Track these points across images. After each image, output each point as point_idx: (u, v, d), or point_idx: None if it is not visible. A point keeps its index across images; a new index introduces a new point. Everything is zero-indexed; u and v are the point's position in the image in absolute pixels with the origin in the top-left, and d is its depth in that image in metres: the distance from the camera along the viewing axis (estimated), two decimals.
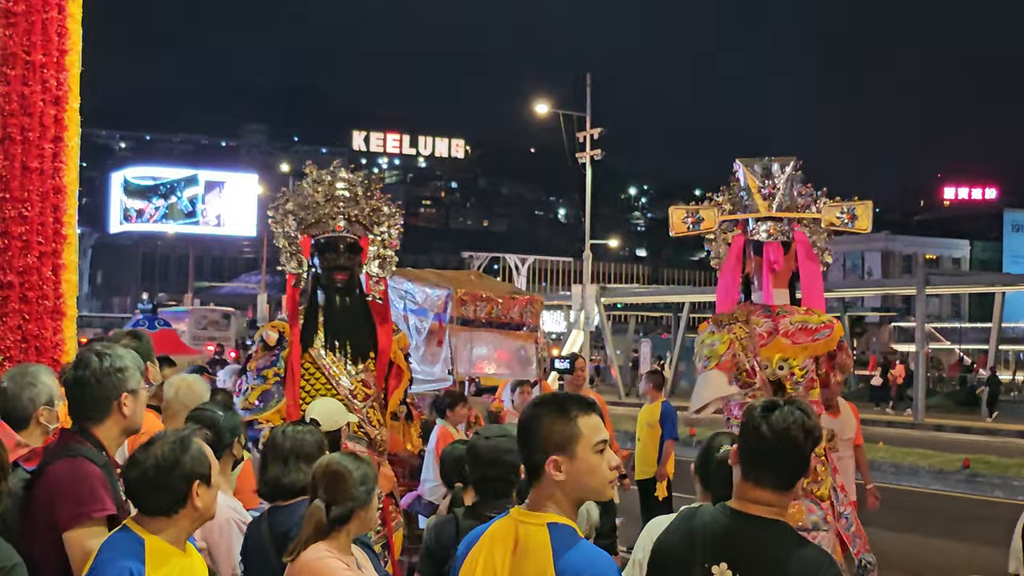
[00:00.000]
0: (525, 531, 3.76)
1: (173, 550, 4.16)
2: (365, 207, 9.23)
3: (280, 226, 9.17)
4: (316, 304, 8.96)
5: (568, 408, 3.83)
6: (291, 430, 5.72)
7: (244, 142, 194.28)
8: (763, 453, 3.99)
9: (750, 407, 4.14)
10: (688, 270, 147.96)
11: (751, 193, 9.41)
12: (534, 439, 3.80)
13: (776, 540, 3.92)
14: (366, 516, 4.87)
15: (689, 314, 54.10)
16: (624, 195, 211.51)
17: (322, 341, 8.79)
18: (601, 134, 45.99)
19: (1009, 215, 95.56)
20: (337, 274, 8.97)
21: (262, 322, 72.91)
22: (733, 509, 4.02)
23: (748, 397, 8.68)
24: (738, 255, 9.16)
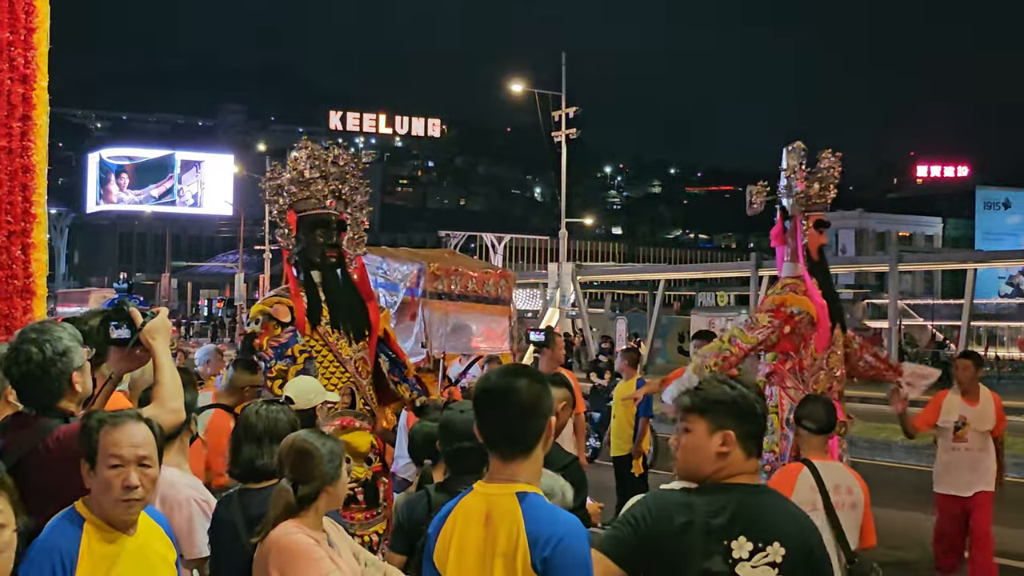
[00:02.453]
0: (496, 503, 3.79)
1: (115, 534, 4.08)
2: (352, 184, 9.17)
3: (273, 202, 9.11)
4: (313, 282, 8.84)
5: (544, 378, 3.97)
6: (265, 410, 5.61)
7: (221, 122, 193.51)
8: (750, 424, 4.10)
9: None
10: (663, 248, 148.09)
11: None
12: (538, 410, 3.86)
13: (776, 505, 4.05)
14: (335, 492, 4.85)
15: (664, 291, 54.15)
16: (600, 174, 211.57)
17: (327, 319, 8.71)
18: (577, 113, 45.98)
19: (981, 193, 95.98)
20: (329, 251, 8.89)
21: (240, 301, 72.35)
22: (729, 483, 4.04)
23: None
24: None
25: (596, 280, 60.93)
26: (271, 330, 8.58)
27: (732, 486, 4.01)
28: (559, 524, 3.75)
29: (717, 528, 3.90)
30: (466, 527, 3.83)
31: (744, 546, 3.87)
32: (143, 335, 4.85)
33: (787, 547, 3.87)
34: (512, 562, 3.71)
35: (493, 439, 3.89)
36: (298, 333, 8.55)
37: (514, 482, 3.82)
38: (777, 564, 3.86)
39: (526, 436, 3.85)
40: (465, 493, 3.93)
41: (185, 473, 5.90)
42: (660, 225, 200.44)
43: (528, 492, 3.81)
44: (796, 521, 3.96)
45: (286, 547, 4.64)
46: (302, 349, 8.54)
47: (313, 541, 4.68)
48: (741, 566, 3.86)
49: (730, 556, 3.87)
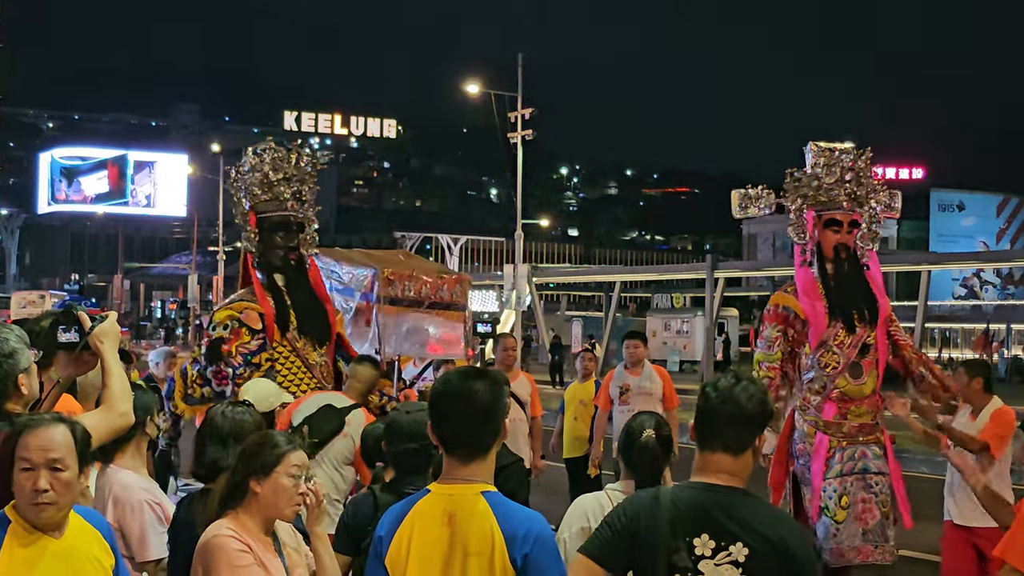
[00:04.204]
0: (459, 503, 3.83)
1: (38, 536, 3.99)
2: (310, 186, 9.12)
3: (238, 204, 9.01)
4: (276, 285, 8.75)
5: (500, 379, 4.03)
6: (231, 411, 5.56)
7: (174, 122, 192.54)
8: (712, 417, 4.10)
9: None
10: (619, 249, 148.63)
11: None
12: (496, 411, 3.91)
13: (749, 505, 4.01)
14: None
15: (620, 293, 54.29)
16: (556, 175, 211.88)
17: (295, 325, 8.62)
18: (532, 114, 45.95)
19: (936, 195, 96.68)
20: (291, 254, 8.83)
21: (193, 302, 71.96)
22: (699, 482, 4.08)
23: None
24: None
25: (552, 282, 61.04)
26: (241, 336, 8.48)
27: (702, 485, 4.05)
28: (532, 521, 3.85)
29: (681, 525, 3.96)
30: (426, 528, 3.84)
31: (707, 544, 3.93)
32: (91, 339, 4.79)
33: (752, 548, 3.90)
34: (488, 560, 3.76)
35: (451, 441, 3.93)
36: (267, 341, 8.46)
37: (474, 482, 3.87)
38: (740, 564, 3.90)
39: (485, 437, 3.91)
40: (421, 495, 3.94)
41: (141, 476, 5.85)
42: (616, 227, 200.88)
43: (491, 490, 3.87)
44: (768, 524, 3.96)
45: (211, 548, 4.59)
46: (268, 357, 8.46)
47: (243, 546, 4.59)
48: (704, 563, 3.93)
49: (693, 552, 3.94)
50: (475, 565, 3.77)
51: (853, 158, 10.04)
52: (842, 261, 9.92)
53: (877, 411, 9.94)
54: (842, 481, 9.63)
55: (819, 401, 9.81)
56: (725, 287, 48.78)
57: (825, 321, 9.77)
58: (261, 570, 4.59)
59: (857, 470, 9.67)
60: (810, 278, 9.95)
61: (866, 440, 9.78)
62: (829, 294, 9.86)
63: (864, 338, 9.83)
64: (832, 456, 9.66)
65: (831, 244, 9.91)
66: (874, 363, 9.94)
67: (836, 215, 9.90)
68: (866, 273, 10.07)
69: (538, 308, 52.06)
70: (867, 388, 9.85)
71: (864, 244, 10.08)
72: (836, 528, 9.56)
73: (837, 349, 9.77)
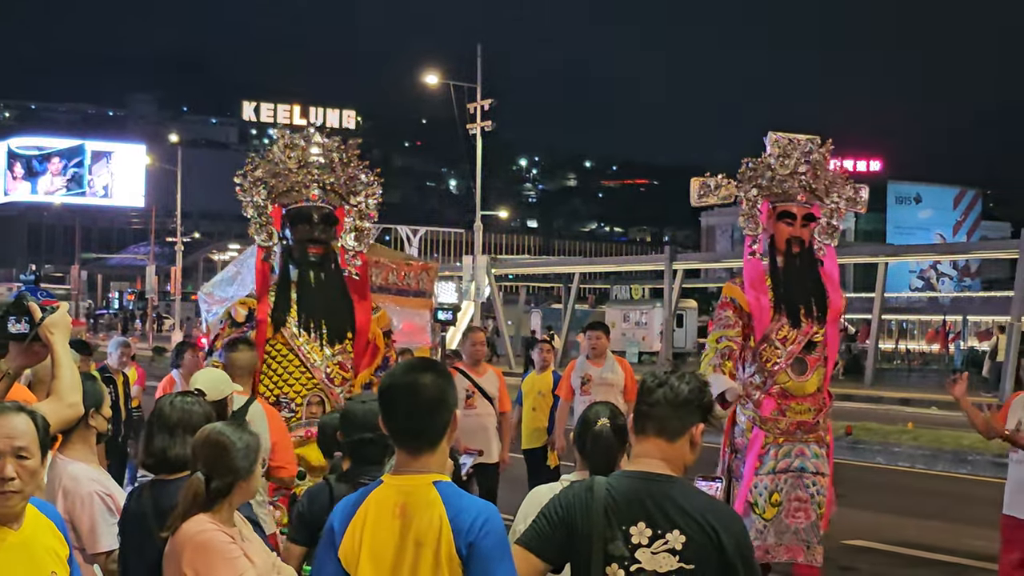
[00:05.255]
0: (411, 494, 3.82)
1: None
2: (341, 175, 8.68)
3: (248, 195, 8.61)
4: (288, 280, 8.44)
5: (447, 371, 4.03)
6: (179, 401, 5.52)
7: (132, 112, 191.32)
8: (647, 400, 4.10)
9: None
10: (578, 241, 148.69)
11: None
12: (444, 404, 3.89)
13: (684, 493, 4.01)
14: (248, 487, 4.79)
15: (579, 284, 54.37)
16: (515, 166, 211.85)
17: (295, 320, 8.28)
18: (492, 105, 45.95)
19: (893, 187, 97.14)
20: (311, 247, 8.45)
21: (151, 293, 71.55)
22: (634, 471, 4.09)
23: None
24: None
25: (511, 273, 60.95)
26: (227, 330, 8.32)
27: (637, 474, 4.06)
28: (480, 510, 3.81)
29: (617, 514, 3.97)
30: (379, 519, 3.83)
31: (643, 532, 3.94)
32: (42, 330, 4.75)
33: (688, 535, 3.90)
34: (435, 550, 3.74)
35: (400, 435, 3.93)
36: (248, 334, 8.15)
37: (426, 472, 3.86)
38: (677, 551, 3.90)
39: (432, 431, 3.89)
40: (374, 486, 3.93)
41: (91, 467, 5.81)
42: (575, 218, 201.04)
43: (443, 480, 3.86)
44: (704, 512, 3.96)
45: (201, 545, 4.56)
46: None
47: (228, 539, 4.61)
48: (641, 551, 3.93)
49: (630, 541, 3.94)
50: (425, 556, 3.76)
51: (810, 150, 9.91)
52: (794, 255, 9.80)
53: (822, 409, 9.85)
54: (774, 478, 9.53)
55: (758, 396, 9.70)
56: (684, 279, 48.94)
57: (769, 315, 9.66)
58: (246, 559, 4.63)
59: (793, 468, 9.57)
60: (759, 270, 9.85)
61: (805, 439, 9.67)
62: (776, 287, 9.75)
63: (811, 334, 9.72)
64: (766, 452, 9.55)
65: (783, 237, 9.81)
66: (821, 360, 9.85)
67: (790, 207, 9.80)
68: (820, 268, 9.93)
69: (497, 299, 52.08)
70: (810, 386, 9.76)
71: (821, 239, 9.97)
72: (763, 525, 9.44)
73: (780, 344, 9.68)
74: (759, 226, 9.89)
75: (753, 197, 9.90)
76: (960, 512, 14.61)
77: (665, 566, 3.90)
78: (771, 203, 9.88)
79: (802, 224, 9.80)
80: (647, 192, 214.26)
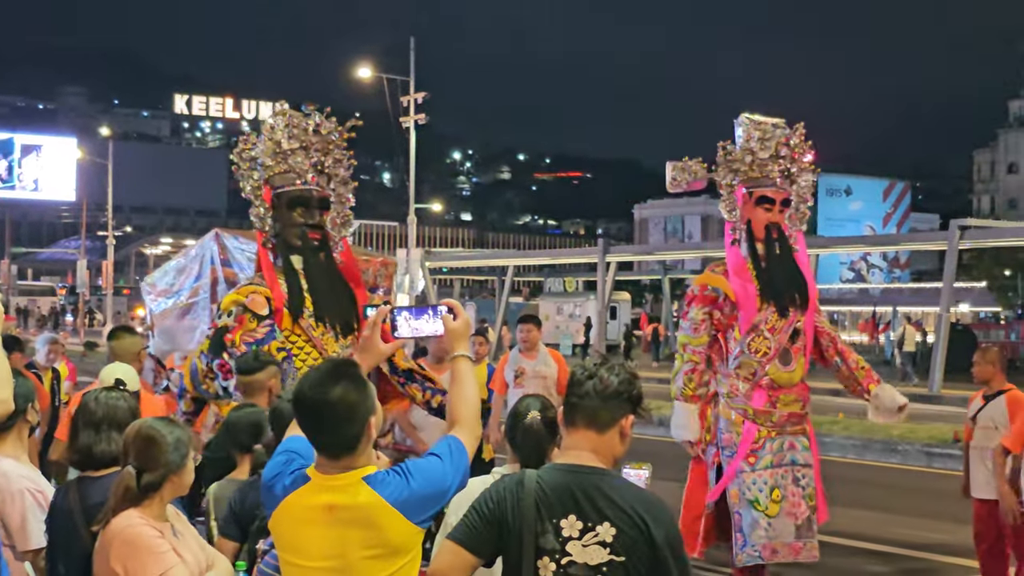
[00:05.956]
0: (342, 491, 3.84)
1: None
2: (335, 157, 8.31)
3: (245, 177, 8.26)
4: (292, 268, 7.97)
5: (361, 381, 3.98)
6: (104, 396, 5.42)
7: (62, 105, 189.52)
8: (577, 391, 4.08)
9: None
10: (512, 234, 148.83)
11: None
12: (354, 418, 3.87)
13: (614, 486, 4.00)
14: (180, 480, 4.75)
15: (513, 277, 54.44)
16: (449, 160, 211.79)
17: (310, 311, 7.84)
18: (425, 99, 45.85)
19: (824, 180, 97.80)
20: (311, 232, 8.03)
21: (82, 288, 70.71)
22: (564, 464, 4.09)
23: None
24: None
25: (445, 266, 60.89)
26: (246, 324, 7.75)
27: (567, 467, 4.05)
28: (410, 483, 3.87)
29: (547, 507, 3.96)
30: (310, 517, 3.87)
31: (574, 525, 3.93)
32: None
33: (618, 528, 3.90)
34: (381, 535, 3.81)
35: (315, 443, 3.95)
36: (276, 329, 7.74)
37: (353, 469, 3.89)
38: (608, 544, 3.89)
39: (344, 443, 3.90)
40: (302, 483, 3.94)
41: (21, 464, 5.76)
42: (509, 211, 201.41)
43: (371, 473, 3.89)
44: (635, 504, 3.95)
45: (129, 540, 4.52)
46: (280, 347, 7.74)
47: (157, 533, 4.57)
48: (572, 544, 3.92)
49: (560, 534, 3.93)
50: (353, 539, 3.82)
51: (788, 134, 9.70)
52: (773, 241, 9.53)
53: (806, 400, 9.64)
54: (773, 473, 9.26)
55: (748, 388, 9.40)
56: (617, 271, 49.06)
57: (756, 304, 9.39)
58: (175, 555, 4.58)
59: (786, 462, 9.34)
60: (740, 258, 9.56)
61: (794, 431, 9.45)
62: (760, 276, 9.46)
63: (795, 323, 9.50)
64: (762, 447, 9.28)
65: (762, 223, 9.53)
66: (802, 349, 9.62)
67: (768, 192, 9.52)
68: (795, 255, 9.69)
69: (431, 293, 52.01)
70: (796, 375, 9.52)
71: (793, 224, 9.76)
72: (768, 522, 9.15)
73: (769, 334, 9.41)
74: (738, 212, 9.65)
75: (731, 182, 9.67)
76: (892, 502, 14.76)
77: (596, 559, 3.89)
78: (747, 188, 9.61)
79: (779, 209, 9.56)
80: (580, 185, 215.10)
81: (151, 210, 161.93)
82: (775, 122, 9.90)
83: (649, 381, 35.55)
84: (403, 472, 3.89)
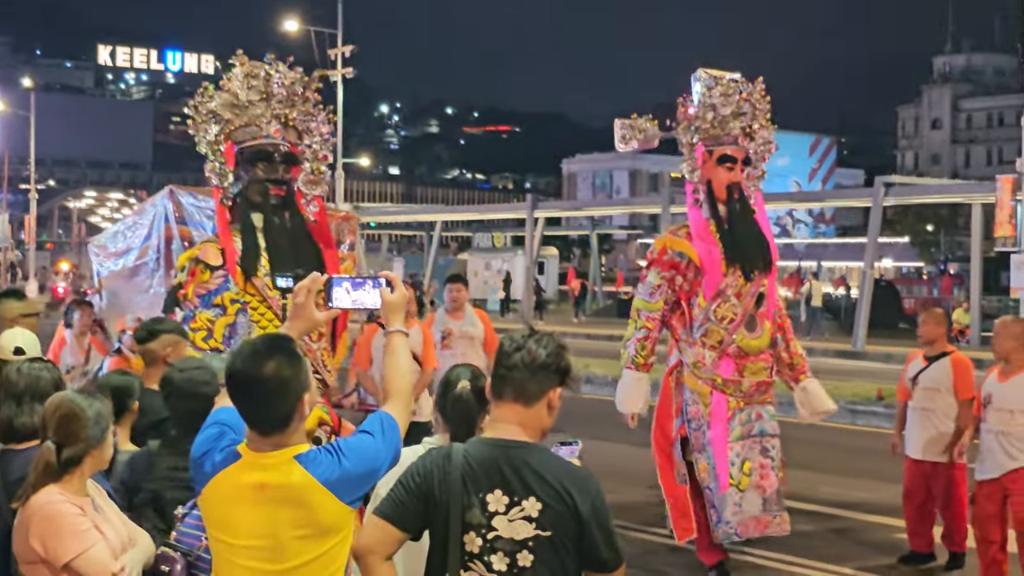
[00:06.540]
0: (274, 469, 3.81)
1: None
2: (302, 110, 7.86)
3: (201, 130, 7.84)
4: (251, 225, 7.59)
5: (295, 356, 3.92)
6: (27, 367, 5.35)
7: None
8: (504, 364, 4.06)
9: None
10: (441, 188, 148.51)
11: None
12: (286, 393, 3.83)
13: (540, 460, 3.99)
14: (101, 455, 4.70)
15: (441, 232, 54.44)
16: (377, 113, 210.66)
17: (266, 270, 7.45)
18: (353, 52, 45.58)
19: None
20: (274, 188, 7.63)
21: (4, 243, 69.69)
22: (491, 438, 4.06)
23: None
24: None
25: (373, 221, 60.61)
26: (198, 275, 7.47)
27: (494, 441, 4.04)
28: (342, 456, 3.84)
29: (474, 481, 3.95)
30: (240, 495, 3.83)
31: (500, 499, 3.92)
32: None
33: (544, 502, 3.89)
34: (312, 514, 3.79)
35: (246, 418, 3.89)
36: (230, 279, 7.42)
37: (285, 447, 3.85)
38: (534, 519, 3.89)
39: (275, 419, 3.85)
40: (233, 460, 3.89)
41: None
42: (437, 165, 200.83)
43: (302, 452, 3.85)
44: (563, 478, 3.95)
45: (48, 516, 4.47)
46: (234, 299, 7.43)
47: (78, 510, 4.52)
48: (498, 519, 3.91)
49: (487, 509, 3.92)
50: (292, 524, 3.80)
51: (749, 89, 9.44)
52: (735, 202, 9.26)
53: (772, 367, 9.42)
54: (743, 445, 9.04)
55: (715, 357, 9.13)
56: (545, 226, 49.11)
57: (722, 268, 9.11)
58: (96, 531, 4.54)
59: (754, 433, 9.13)
60: (703, 220, 9.27)
61: (761, 399, 9.26)
62: (724, 238, 9.15)
63: (760, 287, 9.29)
64: (732, 418, 9.04)
65: (723, 183, 9.25)
66: (767, 314, 9.39)
67: (729, 151, 9.25)
68: (755, 216, 9.45)
69: (360, 248, 51.79)
70: (763, 342, 9.31)
71: (752, 184, 9.52)
72: (740, 497, 8.92)
73: (735, 299, 9.14)
74: (699, 172, 9.36)
75: (692, 141, 9.39)
76: (817, 460, 14.85)
77: (522, 533, 3.89)
78: (707, 147, 9.34)
79: (740, 169, 9.30)
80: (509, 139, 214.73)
81: (74, 163, 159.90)
82: (733, 76, 9.67)
83: (577, 337, 35.68)
84: (335, 451, 3.86)
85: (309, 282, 4.32)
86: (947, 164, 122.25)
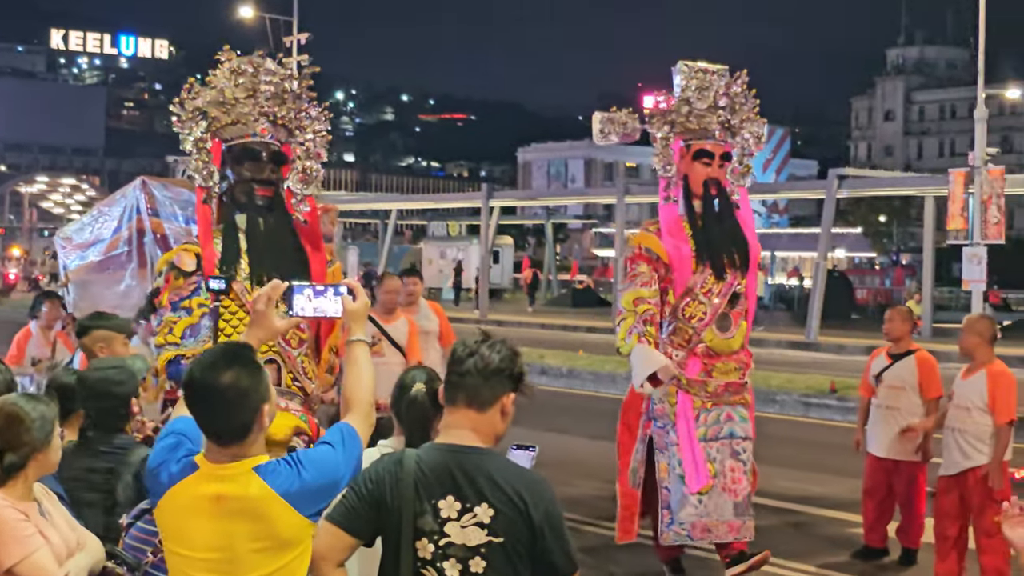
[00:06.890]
0: (231, 481, 3.77)
1: None
2: (292, 108, 7.70)
3: (186, 128, 7.54)
4: (234, 226, 7.40)
5: (255, 366, 3.88)
6: None
7: None
8: (457, 369, 4.03)
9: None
10: (396, 176, 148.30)
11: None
12: (244, 405, 3.77)
13: (493, 466, 3.96)
14: (46, 459, 4.61)
15: (396, 220, 54.35)
16: (332, 100, 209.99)
17: (246, 273, 7.26)
18: (308, 39, 45.38)
19: None
20: (259, 189, 7.45)
21: None
22: (443, 444, 4.03)
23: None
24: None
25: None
26: (172, 282, 7.28)
27: (446, 447, 4.01)
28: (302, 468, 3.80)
29: (426, 488, 3.91)
30: (197, 507, 3.78)
31: (452, 506, 3.89)
32: None
33: (496, 508, 3.86)
34: (271, 527, 3.74)
35: (204, 428, 3.84)
36: (202, 285, 7.15)
37: (243, 458, 3.80)
38: (486, 525, 3.86)
39: (233, 430, 3.80)
40: (190, 471, 3.83)
41: None
42: (392, 153, 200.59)
43: (261, 463, 3.80)
44: (516, 483, 3.92)
45: None
46: (201, 303, 7.18)
47: (21, 516, 4.44)
48: (450, 525, 3.88)
49: (439, 515, 3.89)
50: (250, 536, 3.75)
51: (728, 82, 9.26)
52: (712, 198, 9.07)
53: (746, 368, 9.19)
54: (707, 447, 8.81)
55: (682, 356, 8.92)
56: (500, 215, 49.11)
57: (691, 266, 8.93)
58: (40, 537, 4.46)
59: (723, 435, 8.92)
60: (675, 216, 9.10)
61: (732, 401, 9.01)
62: (696, 235, 8.99)
63: (734, 286, 9.04)
64: (696, 418, 8.82)
65: (700, 179, 9.06)
66: (743, 314, 9.18)
67: (706, 145, 9.07)
68: (736, 213, 9.23)
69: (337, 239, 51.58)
70: (735, 342, 9.08)
71: (735, 180, 9.31)
72: (699, 498, 8.72)
73: (704, 298, 8.93)
74: (674, 167, 9.17)
75: (666, 135, 9.20)
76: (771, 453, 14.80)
77: (474, 540, 3.86)
78: (684, 141, 9.16)
79: (719, 164, 9.10)
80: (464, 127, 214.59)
81: (26, 148, 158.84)
82: (715, 69, 9.48)
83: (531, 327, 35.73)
84: (295, 463, 3.81)
85: (269, 289, 4.26)
86: (900, 156, 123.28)
